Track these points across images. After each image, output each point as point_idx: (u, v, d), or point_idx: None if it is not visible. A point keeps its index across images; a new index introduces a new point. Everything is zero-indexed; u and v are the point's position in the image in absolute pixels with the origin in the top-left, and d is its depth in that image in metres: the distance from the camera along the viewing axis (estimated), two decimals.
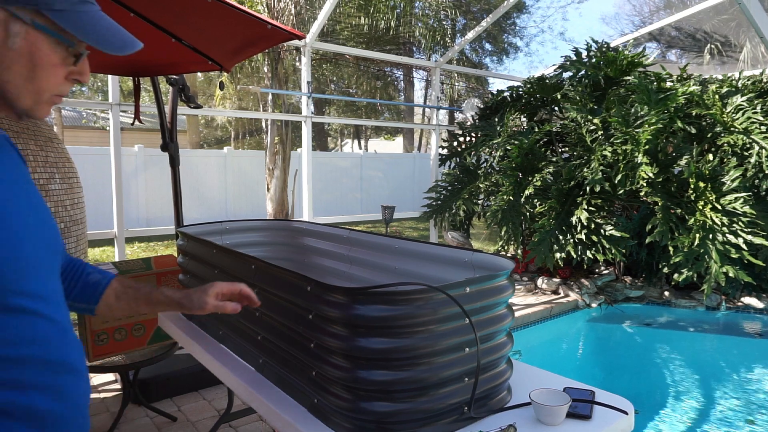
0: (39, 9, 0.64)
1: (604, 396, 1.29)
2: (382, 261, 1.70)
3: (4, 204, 0.65)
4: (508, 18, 14.43)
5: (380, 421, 1.10)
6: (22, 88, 0.67)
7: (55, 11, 0.65)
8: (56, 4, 0.65)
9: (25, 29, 0.64)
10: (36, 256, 0.69)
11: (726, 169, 4.14)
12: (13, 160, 0.74)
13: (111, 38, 0.71)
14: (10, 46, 0.64)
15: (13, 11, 0.63)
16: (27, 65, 0.66)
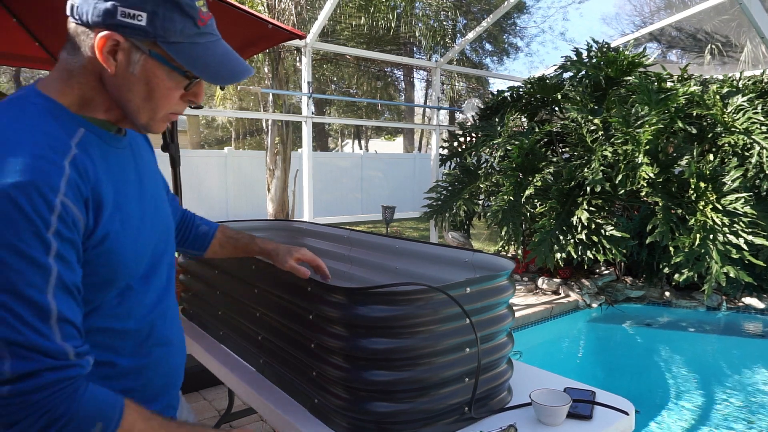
0: (156, 41, 0.72)
1: (605, 396, 1.29)
2: (382, 261, 1.70)
3: (126, 205, 0.78)
4: (509, 18, 14.43)
5: (380, 422, 1.10)
6: (140, 106, 0.76)
7: (169, 44, 0.72)
8: (171, 36, 0.72)
9: (144, 58, 0.72)
10: (149, 245, 0.83)
11: (727, 170, 4.14)
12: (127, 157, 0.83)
13: (218, 70, 0.76)
14: (131, 72, 0.73)
15: (134, 42, 0.71)
16: (145, 88, 0.74)
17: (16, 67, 10.36)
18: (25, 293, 0.62)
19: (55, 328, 0.64)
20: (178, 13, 0.72)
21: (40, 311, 0.63)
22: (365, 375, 1.09)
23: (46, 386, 0.62)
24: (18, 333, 0.61)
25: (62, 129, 0.71)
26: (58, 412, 0.63)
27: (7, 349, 0.61)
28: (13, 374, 0.61)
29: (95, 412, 0.66)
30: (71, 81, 0.75)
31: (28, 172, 0.63)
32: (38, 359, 0.62)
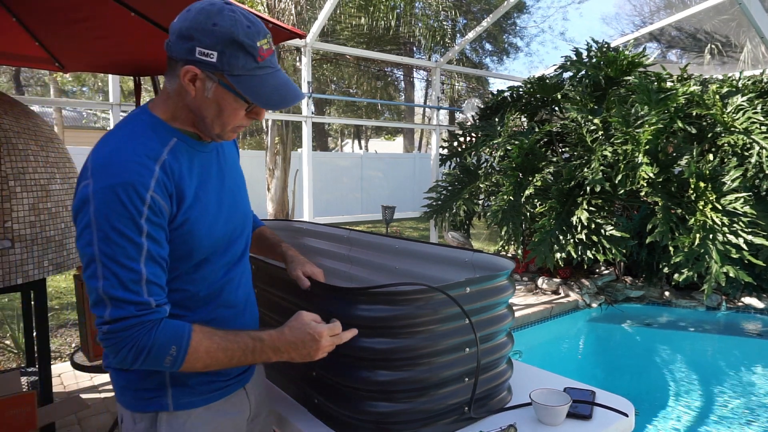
0: (224, 73, 0.91)
1: (605, 396, 1.29)
2: (382, 261, 1.70)
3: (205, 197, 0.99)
4: (509, 18, 14.43)
5: (380, 422, 1.10)
6: (213, 121, 0.97)
7: (233, 76, 0.91)
8: (235, 70, 0.91)
9: (215, 86, 0.93)
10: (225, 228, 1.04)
11: (726, 169, 4.14)
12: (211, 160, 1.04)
13: (269, 98, 0.94)
14: (206, 96, 0.94)
15: (208, 73, 0.92)
16: (216, 108, 0.95)
17: (16, 66, 10.36)
18: (124, 262, 0.85)
19: (144, 288, 0.87)
20: (241, 52, 0.91)
21: (134, 275, 0.86)
22: (365, 375, 1.09)
23: (131, 326, 0.85)
24: (116, 290, 0.85)
25: (158, 139, 0.94)
26: (141, 343, 0.86)
27: (109, 301, 0.85)
28: (111, 318, 0.85)
29: (169, 339, 0.88)
30: (168, 101, 0.98)
31: (127, 174, 0.86)
32: (128, 309, 0.85)
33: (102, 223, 0.84)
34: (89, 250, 0.85)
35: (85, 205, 0.85)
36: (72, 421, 2.63)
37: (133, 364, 0.87)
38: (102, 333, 0.86)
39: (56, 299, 5.11)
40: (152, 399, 0.98)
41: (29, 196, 2.01)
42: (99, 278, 0.84)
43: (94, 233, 0.84)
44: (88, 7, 1.94)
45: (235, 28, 0.90)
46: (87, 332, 2.23)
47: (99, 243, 0.84)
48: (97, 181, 0.85)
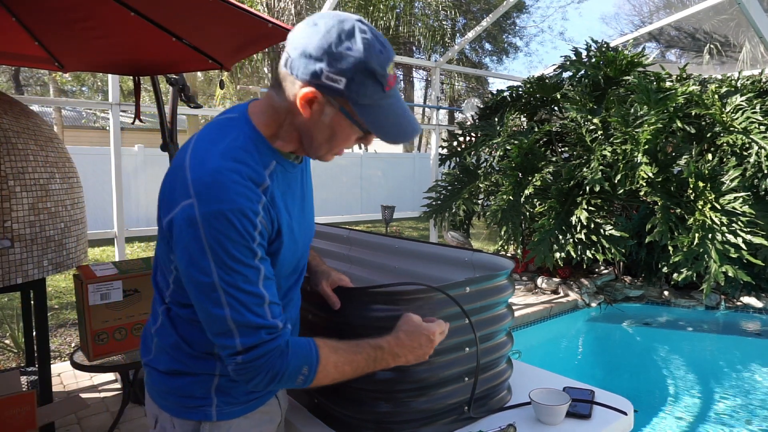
0: (348, 101, 0.85)
1: (604, 396, 1.29)
2: (382, 261, 1.70)
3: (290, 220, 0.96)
4: (508, 18, 14.43)
5: (380, 421, 1.10)
6: (322, 144, 0.92)
7: (359, 105, 0.85)
8: (361, 99, 0.85)
9: (334, 112, 0.87)
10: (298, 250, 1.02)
11: (725, 169, 4.14)
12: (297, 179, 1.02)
13: (390, 131, 0.89)
14: (321, 120, 0.88)
15: (329, 99, 0.85)
16: (329, 132, 0.90)
17: (16, 66, 10.35)
18: (246, 288, 0.83)
19: (267, 310, 0.85)
20: (371, 80, 0.84)
21: (257, 299, 0.84)
22: (365, 375, 1.09)
23: (266, 353, 0.85)
24: (243, 316, 0.83)
25: (261, 162, 0.90)
26: (276, 368, 0.86)
27: (236, 329, 0.83)
28: (243, 347, 0.84)
29: (301, 360, 0.88)
30: (274, 116, 0.92)
31: (237, 199, 0.82)
32: (259, 334, 0.84)
33: (218, 251, 0.81)
34: (208, 279, 0.82)
35: (191, 228, 0.82)
36: (72, 421, 2.63)
37: (266, 388, 0.88)
38: (236, 364, 0.84)
39: (56, 299, 5.10)
40: (197, 408, 0.97)
41: (29, 195, 2.01)
42: (224, 306, 0.82)
43: (210, 261, 0.81)
44: (87, 6, 1.94)
45: (369, 55, 0.82)
46: (86, 332, 2.23)
47: (218, 271, 0.81)
48: (203, 204, 0.81)
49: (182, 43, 2.24)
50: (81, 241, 2.33)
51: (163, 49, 2.30)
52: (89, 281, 2.19)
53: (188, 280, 0.85)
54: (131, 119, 2.97)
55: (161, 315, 0.99)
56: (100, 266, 2.31)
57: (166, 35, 2.17)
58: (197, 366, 0.96)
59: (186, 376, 0.97)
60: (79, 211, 2.34)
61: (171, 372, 0.98)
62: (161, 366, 0.99)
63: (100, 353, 2.26)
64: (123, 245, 3.87)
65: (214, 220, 0.81)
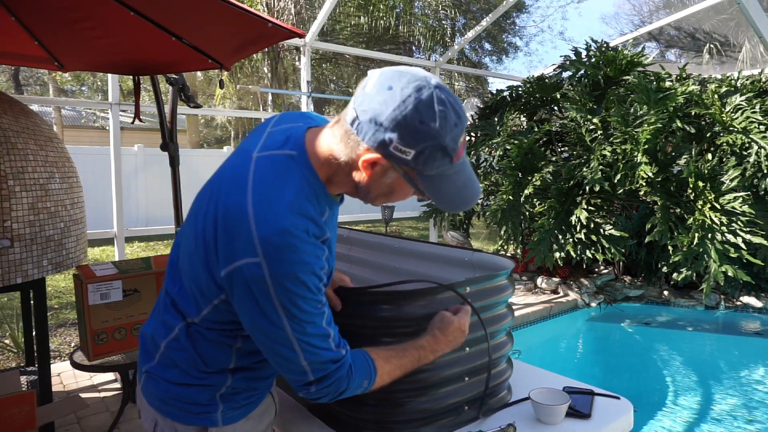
0: (414, 171, 0.84)
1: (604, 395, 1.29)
2: (381, 260, 1.70)
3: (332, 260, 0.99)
4: (508, 17, 14.43)
5: (380, 421, 1.10)
6: (378, 198, 0.92)
7: (423, 175, 0.84)
8: (428, 170, 0.83)
9: (397, 176, 0.86)
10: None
11: (725, 169, 4.14)
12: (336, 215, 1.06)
13: (451, 200, 0.89)
14: (383, 180, 0.87)
15: (394, 164, 0.84)
16: (388, 191, 0.90)
17: (15, 66, 10.35)
18: (314, 332, 0.87)
19: (332, 343, 0.90)
20: (440, 153, 0.81)
21: (324, 338, 0.88)
22: None
23: (336, 380, 0.91)
24: (314, 355, 0.88)
25: (320, 211, 0.90)
26: (342, 388, 0.92)
27: (309, 366, 0.88)
28: (315, 378, 0.89)
29: (362, 376, 0.94)
30: (333, 165, 0.89)
31: (306, 257, 0.83)
32: (328, 367, 0.89)
33: (289, 308, 0.83)
34: (278, 331, 0.85)
35: (260, 288, 0.81)
36: (71, 421, 2.63)
37: (332, 400, 0.94)
38: (308, 392, 0.91)
39: (55, 298, 5.10)
40: (201, 414, 0.98)
41: (28, 195, 2.01)
42: (297, 351, 0.87)
43: (282, 316, 0.83)
44: (87, 6, 1.94)
45: (443, 131, 0.80)
46: (86, 331, 2.23)
47: (290, 323, 0.84)
48: (273, 265, 0.80)
49: (182, 43, 2.24)
50: (81, 241, 2.33)
51: (162, 49, 2.30)
52: (89, 281, 2.19)
53: (255, 330, 0.88)
54: (131, 119, 2.97)
55: (178, 330, 0.97)
56: (100, 266, 2.31)
57: (165, 35, 2.17)
58: (208, 380, 0.97)
59: (192, 387, 0.97)
60: (79, 211, 2.34)
61: (179, 382, 0.98)
62: (168, 376, 0.98)
63: (100, 353, 2.26)
64: (123, 245, 3.87)
65: (285, 280, 0.81)
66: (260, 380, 1.04)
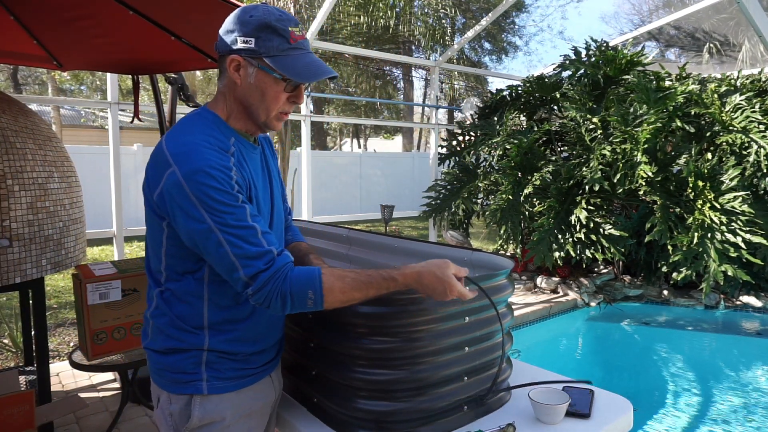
0: (262, 57, 1.01)
1: (603, 395, 1.29)
2: (381, 260, 1.70)
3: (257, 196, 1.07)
4: (508, 17, 14.43)
5: (380, 420, 1.10)
6: (258, 108, 1.06)
7: (270, 57, 1.01)
8: (271, 51, 1.01)
9: (256, 70, 1.03)
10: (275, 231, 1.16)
11: (725, 168, 4.14)
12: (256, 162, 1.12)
13: (302, 71, 1.03)
14: (249, 82, 1.04)
15: (249, 60, 1.02)
16: (259, 93, 1.04)
17: (14, 65, 10.34)
18: (236, 223, 0.95)
19: (262, 239, 0.97)
20: (275, 35, 1.01)
21: (250, 230, 0.96)
22: (364, 374, 1.09)
23: (269, 280, 0.95)
24: (240, 248, 0.94)
25: (223, 135, 1.04)
26: (284, 290, 0.96)
27: (238, 262, 0.94)
28: (247, 277, 0.95)
29: (304, 284, 0.97)
30: (223, 99, 1.08)
31: (211, 157, 0.96)
32: (256, 264, 0.95)
33: (204, 199, 0.93)
34: (203, 225, 0.94)
35: (177, 189, 0.94)
36: (70, 420, 2.63)
37: (284, 311, 0.98)
38: (249, 296, 0.96)
39: (54, 298, 5.10)
40: (188, 383, 1.06)
41: (27, 194, 2.00)
42: (224, 244, 0.94)
43: (201, 210, 0.94)
44: (86, 5, 1.93)
45: (268, 16, 1.01)
46: (85, 331, 2.22)
47: (210, 216, 0.93)
48: (183, 166, 0.94)
49: (181, 42, 2.23)
50: (80, 241, 2.33)
51: (162, 48, 2.30)
52: (88, 280, 2.19)
53: (191, 236, 0.96)
54: (130, 118, 2.97)
55: (156, 298, 1.08)
56: (99, 265, 2.31)
57: (165, 34, 2.17)
58: (189, 340, 1.05)
59: (177, 353, 1.06)
60: (78, 211, 2.33)
61: (165, 350, 1.07)
62: (157, 346, 1.08)
63: (99, 353, 2.26)
64: (122, 244, 3.87)
65: (194, 175, 0.93)
66: (238, 343, 1.08)
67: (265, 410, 1.17)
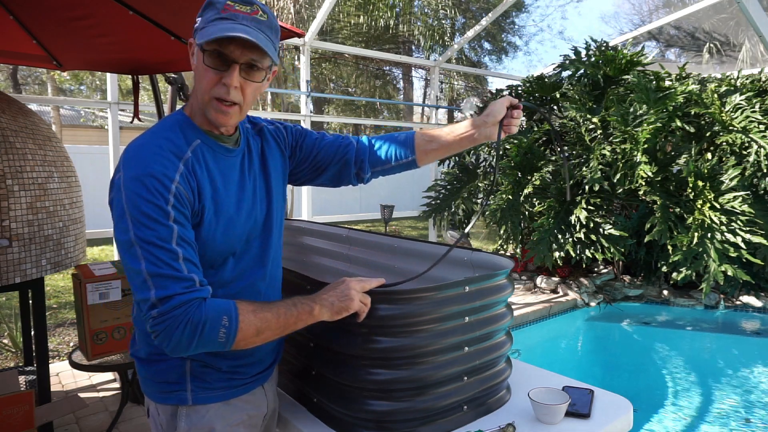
0: (196, 33, 0.96)
1: (603, 395, 1.29)
2: (381, 260, 1.70)
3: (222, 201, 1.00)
4: (507, 17, 14.42)
5: (379, 420, 1.10)
6: (196, 91, 0.99)
7: (199, 30, 0.95)
8: (200, 24, 0.95)
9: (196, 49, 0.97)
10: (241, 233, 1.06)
11: (725, 168, 4.14)
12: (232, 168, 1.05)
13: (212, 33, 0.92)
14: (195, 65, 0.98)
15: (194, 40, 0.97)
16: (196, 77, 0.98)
17: (14, 65, 10.33)
18: (159, 243, 0.87)
19: (183, 265, 0.89)
20: (210, 9, 0.95)
21: (170, 254, 0.88)
22: (364, 374, 1.09)
23: (181, 304, 0.86)
24: (157, 267, 0.87)
25: (184, 138, 0.98)
26: (195, 319, 0.87)
27: (151, 280, 0.86)
28: (157, 298, 0.86)
29: (218, 311, 0.89)
30: (194, 95, 1.01)
31: (153, 165, 0.90)
32: (173, 287, 0.87)
33: (132, 210, 0.88)
34: (126, 237, 0.88)
35: (117, 194, 0.90)
36: (70, 420, 2.63)
37: (189, 346, 0.87)
38: (152, 318, 0.86)
39: (54, 298, 5.10)
40: (173, 393, 1.02)
41: (27, 194, 2.00)
42: (140, 259, 0.87)
43: (128, 220, 0.88)
44: (86, 5, 1.93)
45: None
46: (85, 331, 2.22)
47: (133, 228, 0.87)
48: (126, 171, 0.90)
49: (181, 42, 2.23)
50: (79, 241, 2.33)
51: (161, 48, 2.29)
52: (88, 280, 2.19)
53: (117, 244, 0.91)
54: (130, 118, 2.97)
55: (136, 305, 1.00)
56: (99, 265, 2.31)
57: (164, 34, 2.17)
58: None
59: (160, 362, 1.02)
60: (78, 210, 2.33)
61: (149, 358, 1.03)
62: (141, 353, 1.05)
63: (99, 353, 2.26)
64: None
65: (131, 183, 0.89)
66: (219, 357, 1.03)
67: (255, 422, 1.12)
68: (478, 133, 1.23)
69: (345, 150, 1.26)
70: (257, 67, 0.97)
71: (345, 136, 1.27)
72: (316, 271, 1.97)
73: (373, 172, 1.29)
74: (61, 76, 11.83)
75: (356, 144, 1.27)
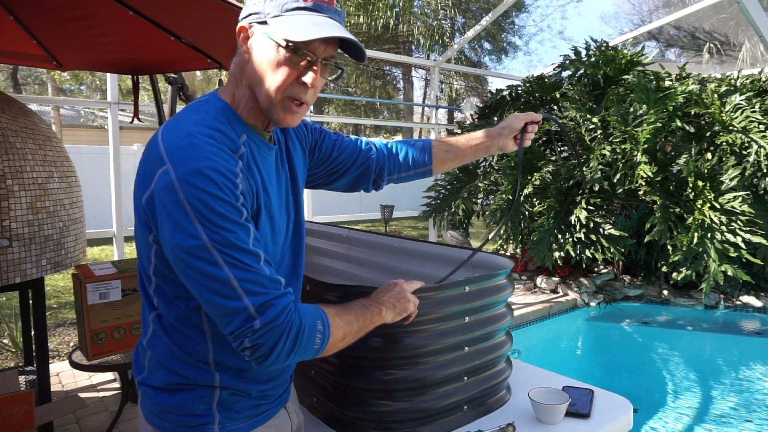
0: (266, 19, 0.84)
1: (603, 395, 1.29)
2: (381, 260, 1.70)
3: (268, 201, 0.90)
4: (507, 17, 14.42)
5: (379, 420, 1.10)
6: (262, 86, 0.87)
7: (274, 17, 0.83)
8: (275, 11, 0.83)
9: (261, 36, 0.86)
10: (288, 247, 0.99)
11: (725, 168, 4.14)
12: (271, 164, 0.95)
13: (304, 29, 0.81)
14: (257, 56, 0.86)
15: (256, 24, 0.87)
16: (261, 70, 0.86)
17: (14, 65, 10.33)
18: (240, 245, 0.76)
19: (265, 266, 0.79)
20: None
21: (253, 256, 0.77)
22: (364, 374, 1.09)
23: (282, 311, 0.78)
24: (246, 272, 0.76)
25: (233, 130, 0.85)
26: (297, 325, 0.79)
27: (241, 287, 0.75)
28: (255, 306, 0.76)
29: (312, 314, 0.83)
30: (235, 83, 0.90)
31: (213, 157, 0.77)
32: (267, 292, 0.77)
33: (201, 209, 0.74)
34: (195, 241, 0.74)
35: (170, 193, 0.75)
36: (70, 420, 2.63)
37: (288, 356, 0.78)
38: (253, 331, 0.75)
39: (54, 298, 5.10)
40: (198, 426, 0.88)
41: (27, 194, 2.00)
42: (223, 267, 0.75)
43: (196, 223, 0.74)
44: (86, 5, 1.93)
45: None
46: (85, 331, 2.22)
47: (205, 230, 0.74)
48: (178, 165, 0.76)
49: (181, 42, 2.23)
50: (79, 241, 2.33)
51: (161, 48, 2.29)
52: (88, 280, 2.19)
53: (175, 252, 0.76)
54: (130, 118, 2.97)
55: (152, 323, 0.90)
56: (99, 265, 2.31)
57: (165, 34, 2.17)
58: (196, 376, 0.88)
59: (185, 391, 0.89)
60: (78, 210, 2.33)
61: (168, 387, 0.89)
62: (157, 382, 0.90)
63: (99, 353, 2.25)
64: (122, 244, 3.87)
65: (191, 177, 0.75)
66: (252, 381, 0.92)
67: None
68: (492, 143, 1.26)
69: (366, 155, 1.18)
70: (330, 63, 0.88)
71: (360, 139, 1.20)
72: (316, 271, 1.97)
73: (389, 179, 1.24)
74: (61, 76, 11.83)
75: (376, 149, 1.21)
